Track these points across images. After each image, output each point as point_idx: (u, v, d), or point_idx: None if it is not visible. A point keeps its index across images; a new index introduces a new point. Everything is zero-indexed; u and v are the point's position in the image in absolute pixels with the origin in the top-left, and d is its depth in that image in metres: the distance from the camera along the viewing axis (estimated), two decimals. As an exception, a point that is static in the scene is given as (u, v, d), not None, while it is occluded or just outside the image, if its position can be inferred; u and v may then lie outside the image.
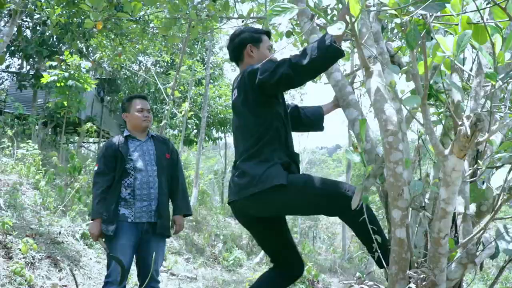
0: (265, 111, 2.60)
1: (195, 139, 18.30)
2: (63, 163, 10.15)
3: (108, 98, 19.67)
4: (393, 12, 1.76)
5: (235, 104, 2.75)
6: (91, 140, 21.19)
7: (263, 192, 2.48)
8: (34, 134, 12.35)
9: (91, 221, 3.51)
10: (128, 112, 3.75)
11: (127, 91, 17.70)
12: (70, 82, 10.54)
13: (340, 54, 2.31)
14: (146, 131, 3.77)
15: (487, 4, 1.86)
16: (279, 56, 2.87)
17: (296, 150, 2.78)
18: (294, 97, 21.53)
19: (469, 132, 1.55)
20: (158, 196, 3.59)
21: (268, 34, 2.90)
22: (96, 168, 3.64)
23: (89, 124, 11.72)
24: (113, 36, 12.16)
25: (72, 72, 10.68)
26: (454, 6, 1.69)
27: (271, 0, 8.46)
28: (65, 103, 11.11)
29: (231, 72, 25.84)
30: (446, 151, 1.72)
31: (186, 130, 16.31)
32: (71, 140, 19.96)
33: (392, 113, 2.08)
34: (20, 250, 4.82)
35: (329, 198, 2.48)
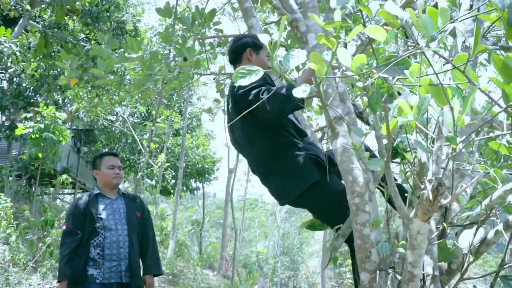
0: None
1: (173, 190, 18.14)
2: (36, 216, 9.92)
3: (85, 149, 19.49)
4: (356, 76, 1.79)
5: (230, 113, 2.64)
6: (66, 191, 20.81)
7: (299, 197, 2.46)
8: (7, 186, 12.10)
9: (57, 283, 3.40)
10: (98, 169, 3.71)
11: (104, 142, 17.60)
12: (45, 135, 10.43)
13: (299, 106, 2.34)
14: (116, 189, 3.72)
15: (446, 66, 1.90)
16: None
17: None
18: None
19: (431, 197, 1.55)
20: (129, 255, 3.50)
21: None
22: (64, 227, 3.56)
23: (64, 176, 11.55)
24: (89, 88, 12.20)
25: (47, 123, 10.59)
26: (412, 73, 1.73)
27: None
28: (40, 155, 10.97)
29: (209, 122, 25.96)
30: (411, 214, 1.72)
31: (163, 181, 16.18)
32: (46, 191, 19.58)
33: (358, 174, 2.09)
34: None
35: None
